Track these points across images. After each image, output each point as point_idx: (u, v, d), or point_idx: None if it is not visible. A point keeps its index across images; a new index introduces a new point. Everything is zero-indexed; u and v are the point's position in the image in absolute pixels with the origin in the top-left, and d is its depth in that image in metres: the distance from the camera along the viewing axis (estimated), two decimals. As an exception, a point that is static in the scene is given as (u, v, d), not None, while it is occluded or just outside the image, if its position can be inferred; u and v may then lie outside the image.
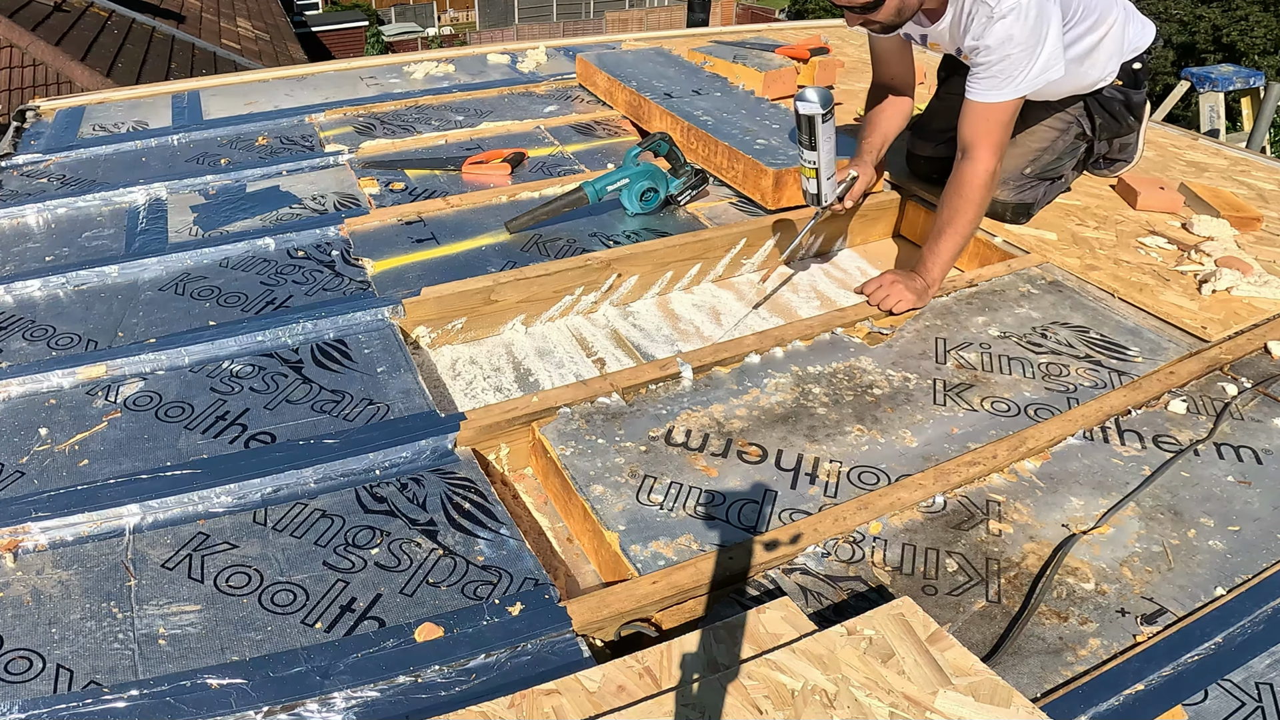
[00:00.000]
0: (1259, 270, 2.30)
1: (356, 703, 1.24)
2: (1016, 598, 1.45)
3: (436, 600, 1.40)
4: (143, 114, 3.43)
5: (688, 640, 1.25)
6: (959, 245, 2.22)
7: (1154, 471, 1.71)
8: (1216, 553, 1.54)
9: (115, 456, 1.67)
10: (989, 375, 1.97)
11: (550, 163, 2.93)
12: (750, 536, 1.53)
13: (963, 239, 2.22)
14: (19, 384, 1.85)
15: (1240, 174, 3.02)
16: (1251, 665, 1.32)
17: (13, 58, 6.73)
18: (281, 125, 3.28)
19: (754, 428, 1.80)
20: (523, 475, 1.84)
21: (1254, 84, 7.89)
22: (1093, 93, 2.53)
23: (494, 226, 2.49)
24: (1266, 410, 1.88)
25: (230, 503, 1.58)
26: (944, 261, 2.22)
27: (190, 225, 2.53)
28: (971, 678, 1.17)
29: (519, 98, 3.57)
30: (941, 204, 2.24)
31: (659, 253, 2.36)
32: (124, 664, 1.29)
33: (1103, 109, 2.56)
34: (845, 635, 1.23)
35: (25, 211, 2.61)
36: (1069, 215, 2.66)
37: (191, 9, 10.65)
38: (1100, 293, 2.28)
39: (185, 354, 1.95)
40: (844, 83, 3.87)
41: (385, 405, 1.81)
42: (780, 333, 2.07)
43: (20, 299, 2.19)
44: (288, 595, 1.40)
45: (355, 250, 2.37)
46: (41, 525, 1.50)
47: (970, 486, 1.67)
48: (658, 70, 3.42)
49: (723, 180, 2.75)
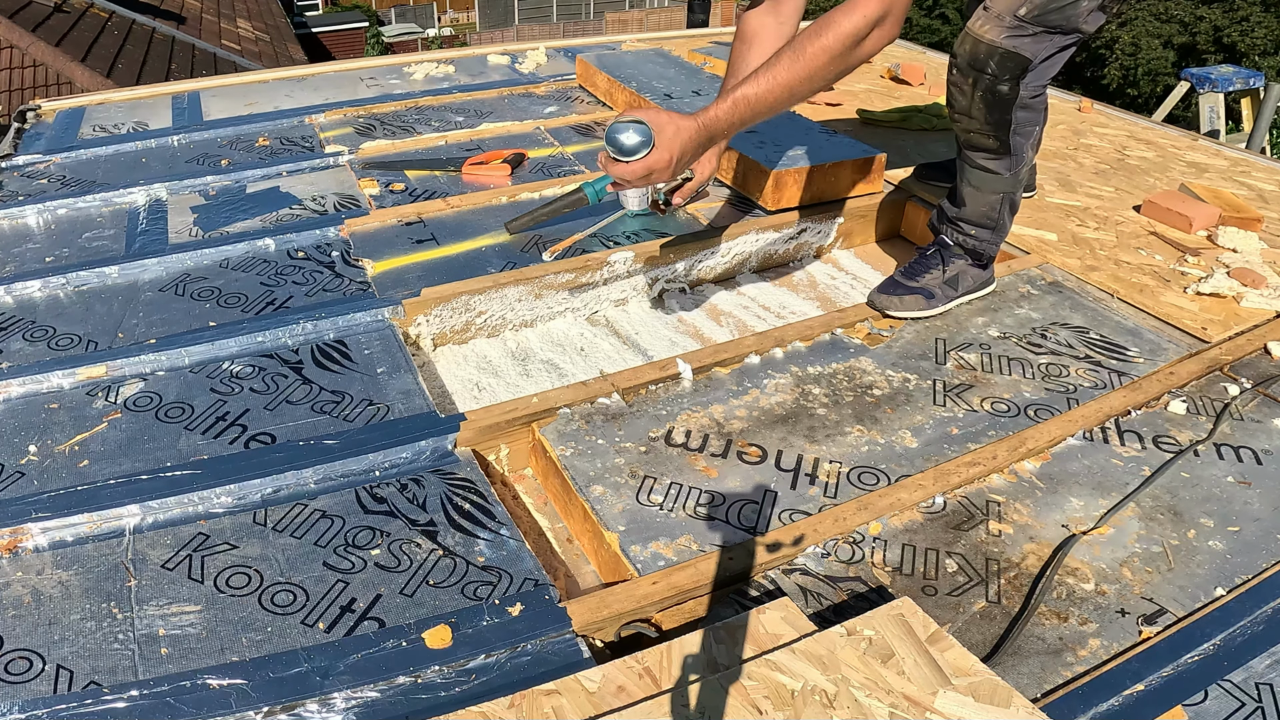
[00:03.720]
0: (1275, 284, 2.27)
1: (356, 703, 1.24)
2: (1016, 598, 1.45)
3: (436, 601, 1.40)
4: (143, 115, 3.43)
5: (688, 640, 1.25)
6: (770, 98, 1.66)
7: (1154, 472, 1.71)
8: (1216, 553, 1.54)
9: (115, 457, 1.67)
10: (989, 376, 1.97)
11: (550, 163, 2.93)
12: (750, 537, 1.53)
13: (781, 91, 1.66)
14: (19, 384, 1.85)
15: (1240, 175, 3.02)
16: (1251, 665, 1.32)
17: (13, 58, 6.74)
18: (281, 126, 3.28)
19: (754, 428, 1.80)
20: (523, 476, 1.84)
21: (1254, 85, 7.90)
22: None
23: (494, 227, 2.49)
24: (1266, 411, 1.88)
25: (230, 503, 1.58)
26: (741, 106, 1.67)
27: (190, 226, 2.53)
28: (971, 678, 1.17)
29: (519, 98, 3.57)
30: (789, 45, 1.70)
31: (658, 253, 2.36)
32: (124, 664, 1.29)
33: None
34: (845, 636, 1.23)
35: (25, 212, 2.62)
36: (1069, 215, 2.66)
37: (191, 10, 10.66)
38: (1100, 293, 2.28)
39: (185, 355, 1.95)
40: (844, 83, 3.87)
41: (385, 406, 1.81)
42: (780, 333, 2.07)
43: (20, 299, 2.19)
44: (288, 596, 1.40)
45: (355, 251, 2.37)
46: (41, 525, 1.51)
47: (970, 487, 1.67)
48: (658, 71, 3.42)
49: (723, 180, 2.76)
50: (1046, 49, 1.94)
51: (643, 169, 1.64)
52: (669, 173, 1.66)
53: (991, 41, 1.93)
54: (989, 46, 1.94)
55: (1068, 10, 1.89)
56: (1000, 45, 1.92)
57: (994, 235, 2.17)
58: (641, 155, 1.63)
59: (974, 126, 2.05)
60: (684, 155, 1.67)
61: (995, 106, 1.99)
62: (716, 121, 1.69)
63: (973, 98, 2.00)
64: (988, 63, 1.95)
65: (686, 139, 1.66)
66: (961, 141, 2.13)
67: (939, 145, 3.11)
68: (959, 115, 2.07)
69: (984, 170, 2.10)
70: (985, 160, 2.09)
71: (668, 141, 1.64)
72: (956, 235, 2.18)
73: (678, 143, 1.65)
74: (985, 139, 2.05)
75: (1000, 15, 1.92)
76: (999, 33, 1.92)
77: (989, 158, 2.08)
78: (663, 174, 1.66)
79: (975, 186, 2.12)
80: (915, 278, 2.18)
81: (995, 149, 2.06)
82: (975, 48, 1.95)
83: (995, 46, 1.93)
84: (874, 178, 2.67)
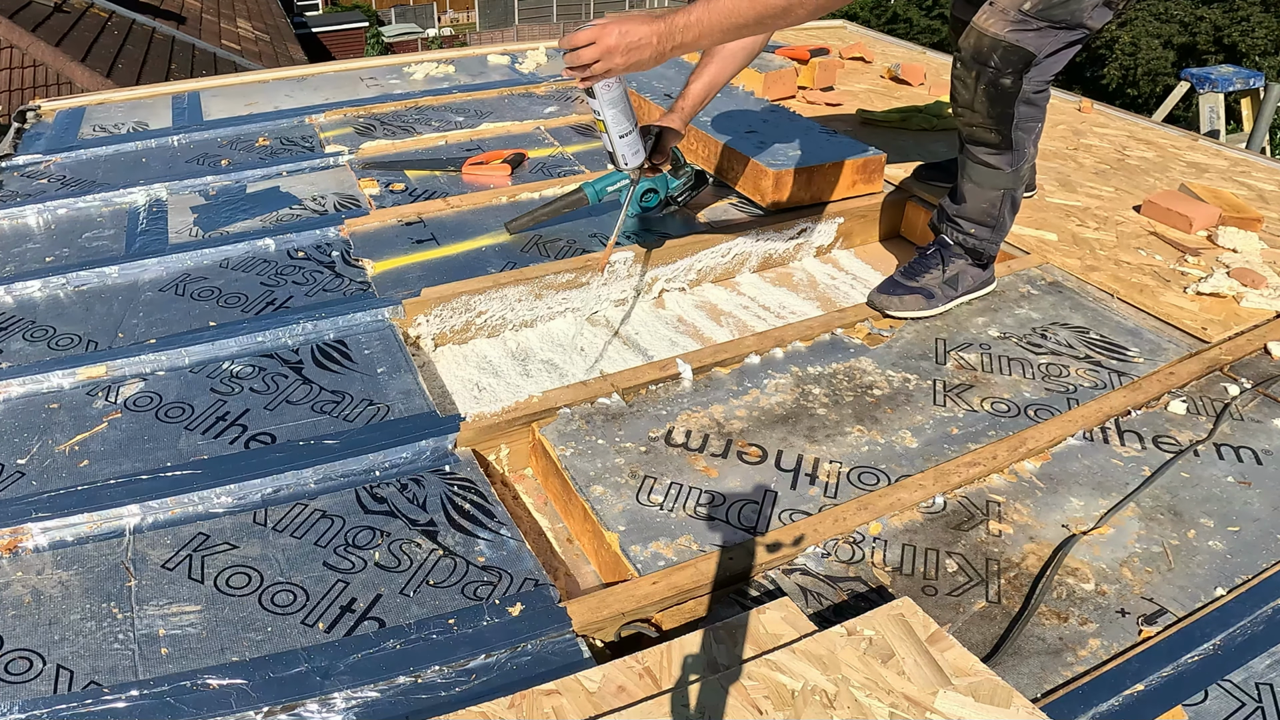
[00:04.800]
0: (1275, 284, 2.27)
1: (356, 703, 1.24)
2: (1016, 598, 1.45)
3: (437, 601, 1.40)
4: (143, 115, 3.43)
5: (688, 640, 1.25)
6: (715, 17, 1.63)
7: (1154, 472, 1.71)
8: (1216, 553, 1.54)
9: (115, 457, 1.67)
10: (989, 376, 1.97)
11: (550, 163, 2.93)
12: (750, 537, 1.53)
13: (723, 14, 1.62)
14: (19, 384, 1.85)
15: (1240, 175, 3.02)
16: (1251, 665, 1.32)
17: (13, 58, 6.74)
18: (281, 126, 3.28)
19: (754, 428, 1.80)
20: (523, 476, 1.84)
21: (1254, 85, 7.90)
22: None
23: (494, 227, 2.49)
24: (1266, 411, 1.88)
25: (230, 503, 1.58)
26: (691, 24, 1.65)
27: (190, 226, 2.53)
28: (971, 678, 1.17)
29: (519, 98, 3.57)
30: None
31: (659, 253, 2.36)
32: (124, 664, 1.29)
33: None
34: (845, 636, 1.23)
35: (25, 212, 2.62)
36: (1069, 216, 2.66)
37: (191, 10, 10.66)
38: (1100, 293, 2.28)
39: (185, 354, 1.95)
40: (844, 83, 3.87)
41: (385, 406, 1.81)
42: (780, 333, 2.07)
43: (20, 299, 2.19)
44: (288, 596, 1.40)
45: (355, 251, 2.37)
46: (41, 525, 1.51)
47: (970, 487, 1.67)
48: (657, 71, 3.42)
49: (723, 181, 2.76)
50: (1051, 44, 1.94)
51: (593, 51, 1.66)
52: (614, 40, 1.66)
53: (995, 35, 1.93)
54: (993, 40, 1.94)
55: (1072, 5, 1.89)
56: (1004, 39, 1.93)
57: (994, 234, 2.17)
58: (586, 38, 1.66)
59: (976, 120, 2.05)
60: (629, 34, 1.66)
61: (998, 100, 1.99)
62: (680, 16, 1.67)
63: (976, 91, 2.01)
64: (991, 56, 1.95)
65: (627, 17, 1.67)
66: (964, 136, 2.13)
67: (939, 145, 3.11)
68: (962, 109, 2.08)
69: (986, 165, 2.10)
70: (987, 155, 2.09)
71: (611, 20, 1.67)
72: (956, 234, 2.18)
73: (617, 22, 1.67)
74: (987, 133, 2.06)
75: (1005, 10, 1.92)
76: (1003, 26, 1.92)
77: (991, 153, 2.08)
78: (606, 41, 1.66)
79: (976, 182, 2.13)
80: (915, 277, 2.18)
81: (997, 144, 2.06)
82: (979, 41, 1.96)
83: (999, 40, 1.93)
84: (874, 178, 2.67)
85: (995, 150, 2.07)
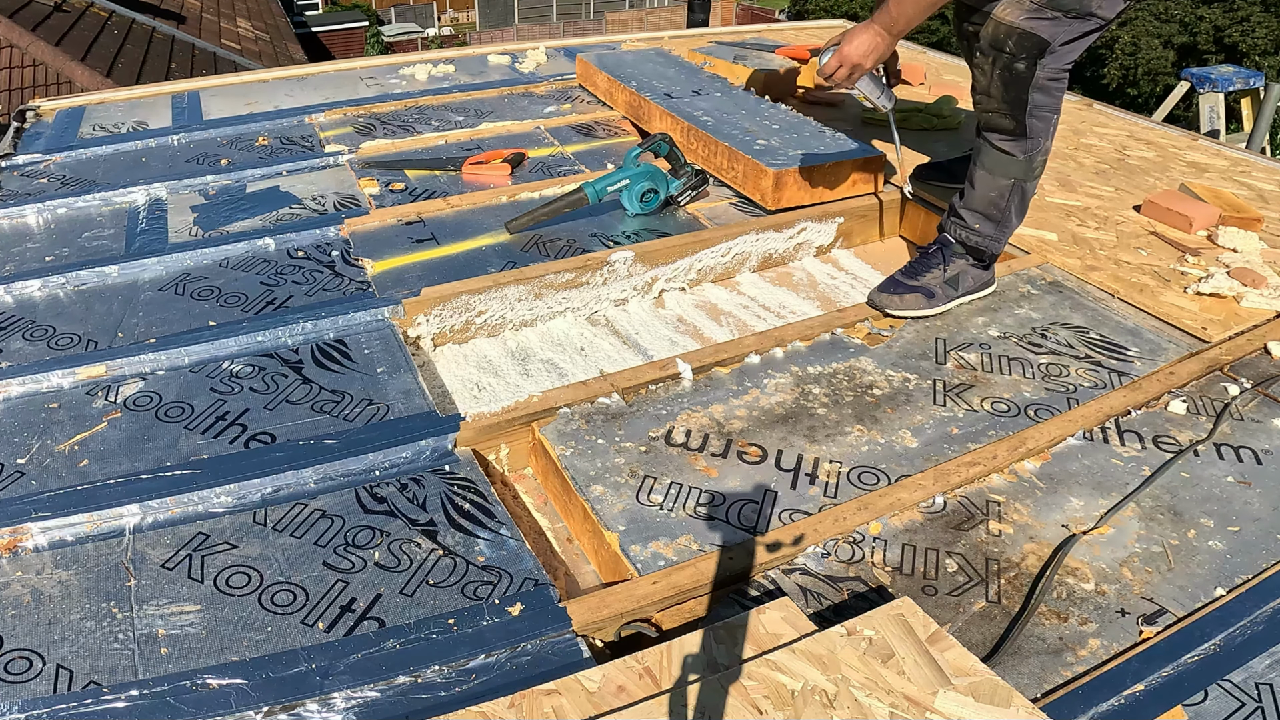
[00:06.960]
0: (1275, 284, 2.27)
1: (356, 703, 1.24)
2: (1016, 598, 1.45)
3: (436, 600, 1.40)
4: (143, 114, 3.43)
5: (688, 640, 1.25)
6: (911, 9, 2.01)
7: (1154, 472, 1.71)
8: (1216, 553, 1.54)
9: (115, 456, 1.67)
10: (989, 376, 1.97)
11: (550, 163, 2.93)
12: (750, 537, 1.53)
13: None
14: (19, 384, 1.85)
15: (1240, 174, 3.02)
16: (1251, 665, 1.32)
17: (13, 58, 6.73)
18: (281, 125, 3.28)
19: (754, 428, 1.80)
20: (523, 475, 1.84)
21: (1254, 85, 7.90)
22: None
23: (494, 227, 2.49)
24: (1266, 411, 1.88)
25: (230, 503, 1.58)
26: (897, 16, 2.03)
27: (190, 225, 2.53)
28: (971, 678, 1.17)
29: (519, 98, 3.57)
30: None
31: (659, 253, 2.36)
32: (124, 664, 1.29)
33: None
34: (845, 635, 1.23)
35: (25, 211, 2.61)
36: (1069, 216, 2.66)
37: (191, 9, 10.65)
38: (1100, 293, 2.28)
39: (185, 354, 1.95)
40: (844, 83, 3.86)
41: (385, 405, 1.81)
42: (780, 333, 2.07)
43: (20, 299, 2.19)
44: (288, 595, 1.40)
45: (355, 250, 2.37)
46: (41, 525, 1.51)
47: (970, 487, 1.67)
48: (658, 70, 3.42)
49: (723, 181, 2.76)
50: (1065, 33, 2.01)
51: (835, 59, 2.10)
52: (856, 54, 2.07)
53: (1010, 22, 2.02)
54: (1008, 27, 2.03)
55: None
56: (1018, 26, 2.01)
57: (997, 230, 2.17)
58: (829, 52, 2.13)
59: (992, 105, 2.12)
60: (861, 45, 2.06)
61: (1012, 85, 2.07)
62: (885, 14, 2.05)
63: (991, 76, 2.09)
64: (1006, 41, 2.04)
65: (854, 30, 2.09)
66: (981, 123, 2.18)
67: (939, 145, 3.11)
68: (979, 95, 2.16)
69: (1000, 151, 2.14)
70: (1001, 141, 2.13)
71: (840, 41, 2.10)
72: (959, 230, 2.18)
73: (846, 41, 2.08)
74: (1002, 119, 2.11)
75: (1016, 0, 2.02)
76: (1018, 14, 2.01)
77: (1005, 139, 2.12)
78: (850, 59, 2.08)
79: (988, 169, 2.15)
80: (916, 277, 2.18)
81: (1012, 130, 2.11)
82: (996, 29, 2.05)
83: (1014, 27, 2.02)
84: (874, 177, 2.67)
85: (1010, 137, 2.12)
